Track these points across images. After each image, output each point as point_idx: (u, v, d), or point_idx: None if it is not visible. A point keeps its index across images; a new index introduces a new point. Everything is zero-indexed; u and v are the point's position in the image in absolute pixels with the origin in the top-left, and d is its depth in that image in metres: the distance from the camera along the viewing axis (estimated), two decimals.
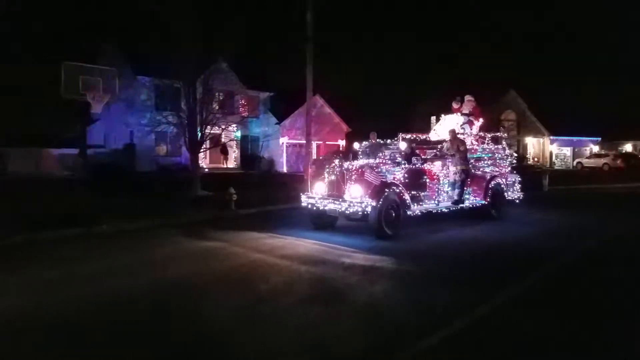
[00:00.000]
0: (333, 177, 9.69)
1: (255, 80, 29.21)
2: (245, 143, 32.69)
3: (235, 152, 32.10)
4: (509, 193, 12.26)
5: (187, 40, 15.53)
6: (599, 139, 44.83)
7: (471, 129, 12.36)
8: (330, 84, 32.45)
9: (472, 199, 11.15)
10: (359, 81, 36.58)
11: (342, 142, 35.38)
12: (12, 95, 29.53)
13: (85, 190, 10.33)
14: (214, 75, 17.16)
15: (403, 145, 10.60)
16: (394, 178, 9.63)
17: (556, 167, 41.34)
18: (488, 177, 11.53)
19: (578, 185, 23.65)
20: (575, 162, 42.41)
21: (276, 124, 33.53)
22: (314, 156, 25.44)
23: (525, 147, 43.14)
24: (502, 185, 11.86)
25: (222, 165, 31.49)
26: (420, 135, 12.52)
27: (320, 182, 9.94)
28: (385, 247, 8.24)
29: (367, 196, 8.87)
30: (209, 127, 17.01)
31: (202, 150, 17.62)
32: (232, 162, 32.27)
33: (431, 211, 10.21)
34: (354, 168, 9.47)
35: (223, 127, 19.09)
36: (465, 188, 10.71)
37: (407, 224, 9.73)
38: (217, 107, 17.93)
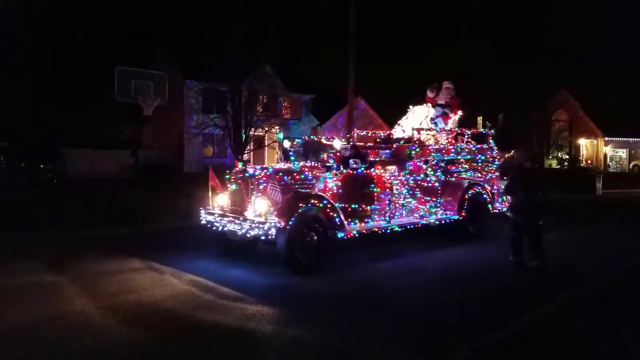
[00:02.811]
0: (235, 187, 7.40)
1: (297, 83, 29.55)
2: None
3: (277, 153, 32.61)
4: (497, 204, 9.78)
5: (234, 45, 15.97)
6: None
7: (445, 124, 10.15)
8: (374, 85, 32.35)
9: (440, 213, 8.81)
10: (404, 82, 36.26)
11: None
12: (67, 98, 31.29)
13: (136, 190, 10.78)
14: (259, 78, 17.59)
15: (338, 144, 8.07)
16: (325, 188, 7.40)
17: (611, 170, 39.39)
18: (465, 185, 9.12)
19: (634, 188, 22.51)
20: (631, 165, 40.33)
21: (318, 125, 33.78)
22: None
23: (578, 148, 41.38)
24: (485, 195, 9.39)
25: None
26: (380, 132, 10.21)
27: (223, 193, 7.63)
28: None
29: (273, 213, 6.62)
30: (252, 129, 17.42)
31: (246, 151, 18.03)
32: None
33: (377, 231, 7.78)
34: (260, 174, 7.16)
35: (266, 129, 19.49)
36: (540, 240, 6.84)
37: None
38: (260, 110, 18.34)
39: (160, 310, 5.21)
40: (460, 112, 10.37)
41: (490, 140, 10.32)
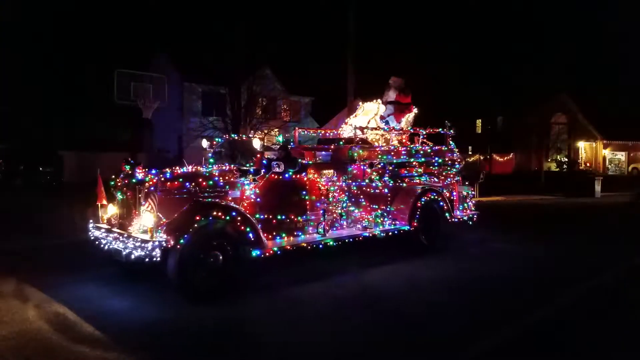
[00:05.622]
0: (121, 196, 6.21)
1: (297, 85, 29.56)
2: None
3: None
4: (457, 212, 8.88)
5: (233, 47, 16.01)
6: None
7: (398, 122, 9.16)
8: (374, 87, 32.38)
9: (388, 224, 7.69)
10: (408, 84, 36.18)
11: None
12: (67, 100, 31.30)
13: None
14: (258, 81, 17.63)
15: (257, 144, 7.12)
16: (242, 196, 6.28)
17: (610, 173, 39.48)
18: (418, 191, 8.01)
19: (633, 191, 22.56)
20: (630, 168, 40.46)
21: (317, 128, 33.82)
22: None
23: (576, 151, 41.47)
24: (442, 203, 8.32)
25: None
26: (328, 132, 9.39)
27: (112, 204, 6.42)
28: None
29: (162, 229, 5.32)
30: (252, 131, 17.45)
31: None
32: None
33: (306, 247, 6.52)
34: (151, 180, 5.81)
35: (266, 131, 19.52)
36: None
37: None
38: (260, 112, 18.38)
39: None
40: (415, 110, 9.46)
41: (450, 142, 9.29)
